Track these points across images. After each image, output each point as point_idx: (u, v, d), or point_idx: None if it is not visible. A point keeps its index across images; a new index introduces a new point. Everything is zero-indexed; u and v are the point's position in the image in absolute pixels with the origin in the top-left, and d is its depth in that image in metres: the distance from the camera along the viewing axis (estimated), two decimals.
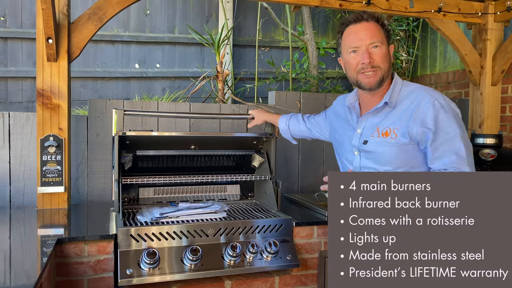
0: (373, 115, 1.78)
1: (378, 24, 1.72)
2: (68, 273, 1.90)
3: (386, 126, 1.72)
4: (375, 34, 1.70)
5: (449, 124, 1.63)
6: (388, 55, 1.73)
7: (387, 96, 1.72)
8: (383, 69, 1.71)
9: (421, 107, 1.65)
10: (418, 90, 1.72)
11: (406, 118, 1.67)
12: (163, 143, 2.36)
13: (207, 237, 2.14)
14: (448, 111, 1.64)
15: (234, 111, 3.12)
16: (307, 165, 3.37)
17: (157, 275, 1.98)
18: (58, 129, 2.46)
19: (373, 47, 1.70)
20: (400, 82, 1.77)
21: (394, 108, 1.72)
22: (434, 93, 1.69)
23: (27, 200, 2.61)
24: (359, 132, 1.80)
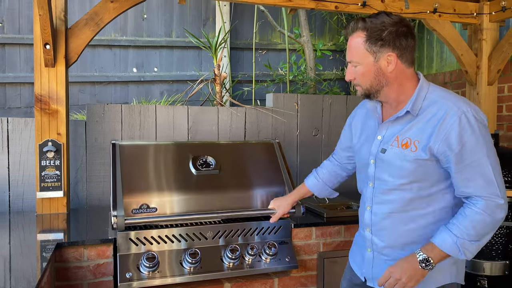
0: (393, 123, 1.61)
1: (365, 35, 1.52)
2: (67, 278, 1.91)
3: (407, 136, 1.54)
4: (354, 51, 1.56)
5: (477, 145, 1.45)
6: (371, 71, 1.54)
7: (410, 104, 1.54)
8: (364, 87, 1.59)
9: (445, 122, 1.46)
10: (445, 99, 1.52)
11: (429, 131, 1.49)
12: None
13: (206, 239, 2.15)
14: (476, 128, 1.45)
15: (232, 114, 3.14)
16: (306, 166, 3.38)
17: (157, 278, 1.99)
18: (56, 134, 2.47)
19: (352, 66, 1.59)
20: (426, 87, 1.56)
21: (417, 117, 1.54)
22: (462, 105, 1.48)
23: (26, 205, 2.62)
24: (379, 139, 1.64)
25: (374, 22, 1.51)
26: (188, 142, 2.54)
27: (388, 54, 1.51)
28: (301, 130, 3.36)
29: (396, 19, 1.51)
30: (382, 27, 1.49)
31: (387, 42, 1.50)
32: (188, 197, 2.20)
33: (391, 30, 1.49)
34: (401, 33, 1.50)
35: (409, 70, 1.57)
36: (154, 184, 2.18)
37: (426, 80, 1.61)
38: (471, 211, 1.47)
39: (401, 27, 1.51)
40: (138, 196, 2.11)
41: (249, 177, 2.39)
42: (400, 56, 1.52)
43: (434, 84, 1.62)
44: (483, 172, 1.45)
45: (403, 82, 1.57)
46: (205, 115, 3.08)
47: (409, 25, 1.53)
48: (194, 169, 2.27)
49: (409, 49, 1.54)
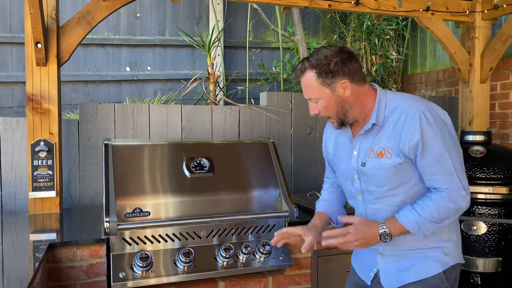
0: (364, 137, 1.71)
1: (315, 72, 1.60)
2: (60, 278, 1.90)
3: (380, 146, 1.65)
4: (310, 89, 1.64)
5: (436, 142, 1.56)
6: (332, 102, 1.63)
7: (373, 117, 1.65)
8: (335, 115, 1.68)
9: (407, 124, 1.58)
10: (404, 104, 1.63)
11: (397, 136, 1.60)
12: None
13: (199, 239, 2.15)
14: (434, 125, 1.57)
15: (226, 112, 3.13)
16: (300, 165, 3.39)
17: (150, 278, 1.98)
18: (48, 134, 2.45)
19: (313, 102, 1.68)
20: (384, 98, 1.67)
21: (384, 126, 1.65)
22: (421, 105, 1.60)
23: (18, 205, 2.60)
24: (355, 154, 1.74)
25: (318, 58, 1.61)
26: (182, 142, 2.52)
27: (342, 81, 1.61)
28: (295, 128, 3.36)
29: (336, 49, 1.62)
30: (326, 61, 1.59)
31: (337, 72, 1.60)
32: (181, 201, 2.18)
33: (336, 60, 1.59)
34: (345, 59, 1.60)
35: (364, 87, 1.67)
36: (147, 187, 2.16)
37: (382, 90, 1.71)
38: (437, 196, 1.57)
39: (343, 55, 1.61)
40: (131, 199, 2.09)
41: (243, 179, 2.38)
42: (352, 80, 1.62)
43: (391, 92, 1.73)
44: (444, 167, 1.55)
45: (363, 100, 1.67)
46: (199, 114, 3.07)
47: (349, 51, 1.65)
48: (188, 171, 2.25)
49: (357, 70, 1.64)
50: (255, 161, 2.49)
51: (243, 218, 2.22)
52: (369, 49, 4.41)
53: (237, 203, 2.27)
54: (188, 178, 2.23)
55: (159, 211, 2.11)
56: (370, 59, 4.42)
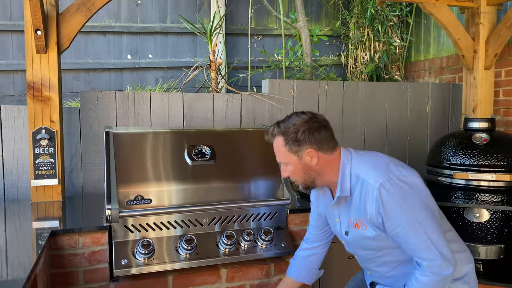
0: (340, 206, 1.72)
1: (283, 139, 1.63)
2: (63, 265, 1.91)
3: (354, 217, 1.65)
4: (279, 153, 1.68)
5: (401, 212, 1.50)
6: (299, 168, 1.65)
7: (338, 189, 1.65)
8: (301, 181, 1.70)
9: (368, 197, 1.55)
10: (364, 174, 1.59)
11: (363, 209, 1.59)
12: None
13: (201, 226, 2.15)
14: (397, 195, 1.51)
15: (227, 100, 3.11)
16: None
17: (153, 265, 1.99)
18: (50, 122, 2.44)
19: (283, 165, 1.71)
20: (348, 165, 1.64)
21: (352, 196, 1.64)
22: (380, 175, 1.54)
23: (21, 193, 2.60)
24: (337, 222, 1.76)
25: (287, 125, 1.63)
26: (183, 130, 2.52)
27: (308, 150, 1.61)
28: None
29: (306, 117, 1.63)
30: (294, 129, 1.61)
31: (303, 141, 1.61)
32: (183, 188, 2.17)
33: (304, 129, 1.61)
34: (313, 129, 1.61)
35: (333, 155, 1.66)
36: (149, 175, 2.16)
37: (348, 154, 1.67)
38: (420, 273, 1.53)
39: (312, 124, 1.62)
40: (132, 187, 2.09)
41: (244, 167, 2.37)
42: (319, 149, 1.62)
43: (356, 155, 1.67)
44: (417, 237, 1.51)
45: (332, 168, 1.66)
46: (200, 102, 3.06)
47: (319, 120, 1.65)
48: (190, 159, 2.24)
49: (326, 140, 1.64)
50: (257, 149, 2.48)
51: (244, 205, 2.22)
52: (372, 35, 4.36)
53: (238, 191, 2.26)
54: (190, 166, 2.23)
55: (161, 198, 2.11)
56: (373, 46, 4.38)
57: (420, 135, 3.75)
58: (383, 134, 3.63)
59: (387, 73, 4.37)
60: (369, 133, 3.57)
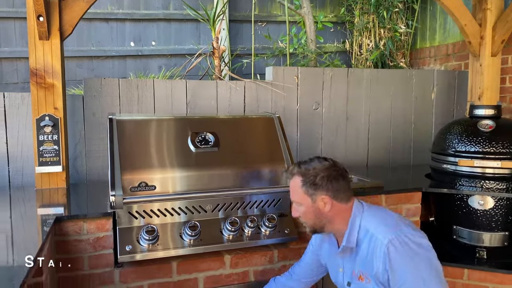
0: (345, 256, 1.73)
1: (301, 180, 1.68)
2: (68, 251, 1.92)
3: (359, 269, 1.66)
4: (294, 193, 1.72)
5: (407, 270, 1.51)
6: (311, 212, 1.68)
7: (344, 239, 1.67)
8: (309, 224, 1.73)
9: (377, 254, 1.55)
10: (373, 229, 1.60)
11: (370, 263, 1.59)
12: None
13: (205, 212, 2.15)
14: (404, 253, 1.52)
15: (231, 88, 3.10)
16: (306, 142, 3.36)
17: (157, 251, 2.00)
18: (53, 109, 2.44)
19: (296, 205, 1.74)
20: (359, 217, 1.66)
21: (359, 249, 1.65)
22: (390, 232, 1.55)
23: (26, 180, 2.62)
24: (341, 271, 1.77)
25: (307, 168, 1.68)
26: (187, 117, 2.51)
27: (322, 197, 1.65)
28: (301, 104, 3.32)
29: (327, 164, 1.68)
30: (314, 173, 1.66)
31: (320, 186, 1.65)
32: (187, 175, 2.17)
33: (323, 175, 1.65)
34: (332, 177, 1.65)
35: (347, 205, 1.69)
36: (153, 161, 2.15)
37: (360, 207, 1.70)
38: None
39: (332, 172, 1.67)
40: (136, 173, 2.08)
41: (248, 154, 2.36)
42: (334, 197, 1.66)
43: (368, 208, 1.70)
44: None
45: (343, 217, 1.69)
46: (204, 90, 3.05)
47: (339, 168, 1.69)
48: (193, 146, 2.24)
49: (342, 190, 1.68)
50: (261, 136, 2.47)
51: (248, 192, 2.22)
52: (377, 22, 4.31)
53: (242, 178, 2.26)
54: (193, 153, 2.23)
55: (165, 185, 2.11)
56: (378, 33, 4.33)
57: (425, 122, 3.73)
58: (388, 122, 3.61)
59: (392, 60, 4.33)
60: (374, 120, 3.55)
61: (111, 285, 1.99)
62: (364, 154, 3.56)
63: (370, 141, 3.56)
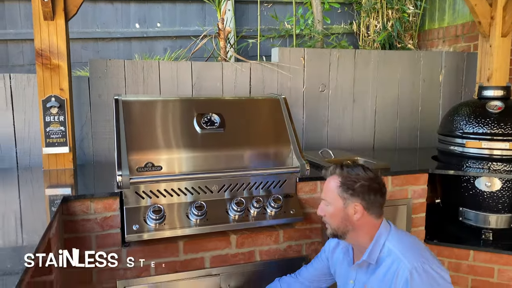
0: (359, 269, 1.73)
1: (339, 181, 1.68)
2: (76, 230, 1.94)
3: (372, 286, 1.66)
4: (328, 192, 1.72)
5: None
6: (339, 215, 1.68)
7: (366, 253, 1.66)
8: (332, 226, 1.72)
9: (398, 277, 1.55)
10: (399, 252, 1.60)
11: (388, 284, 1.59)
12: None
13: (211, 193, 2.16)
14: (427, 283, 1.52)
15: (236, 69, 3.07)
16: (312, 124, 3.35)
17: (164, 230, 2.02)
18: (59, 90, 2.44)
19: (324, 204, 1.73)
20: (385, 236, 1.66)
21: (378, 266, 1.64)
22: (415, 259, 1.55)
23: (33, 161, 2.64)
24: (351, 284, 1.76)
25: (350, 172, 1.68)
26: (193, 98, 2.50)
27: (355, 204, 1.65)
28: (308, 85, 3.29)
29: (371, 175, 1.67)
30: (355, 178, 1.66)
31: (357, 193, 1.65)
32: (193, 156, 2.17)
33: (363, 184, 1.65)
34: (372, 188, 1.65)
35: (376, 220, 1.69)
36: (159, 142, 2.15)
37: (387, 226, 1.69)
38: None
39: (373, 183, 1.66)
40: (142, 154, 2.09)
41: (254, 135, 2.36)
42: (367, 208, 1.66)
43: (395, 230, 1.69)
44: None
45: (369, 231, 1.68)
46: (209, 71, 3.03)
47: (380, 183, 1.69)
48: (199, 127, 2.23)
49: (377, 204, 1.67)
50: (266, 117, 2.46)
51: (253, 173, 2.22)
52: (385, 3, 4.23)
53: (248, 159, 2.26)
54: (199, 134, 2.22)
55: (171, 165, 2.12)
56: (386, 14, 4.26)
57: (432, 105, 3.69)
58: (395, 104, 3.58)
59: (400, 42, 4.26)
60: (381, 102, 3.53)
61: (118, 264, 2.02)
62: (370, 137, 3.54)
63: (376, 124, 3.54)
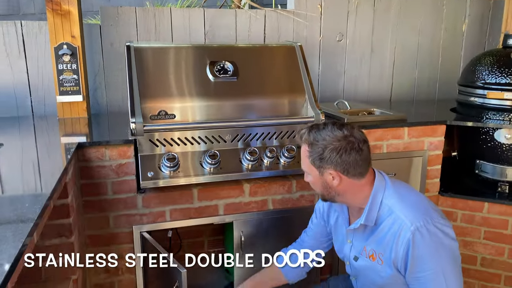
0: (357, 231, 1.62)
1: (308, 150, 1.54)
2: (92, 176, 1.97)
3: (372, 248, 1.57)
4: (303, 162, 1.60)
5: (430, 260, 1.44)
6: (319, 183, 1.56)
7: (363, 216, 1.54)
8: (320, 193, 1.63)
9: (400, 238, 1.45)
10: (399, 211, 1.48)
11: (389, 245, 1.50)
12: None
13: (224, 142, 2.16)
14: (431, 243, 1.43)
15: (250, 17, 2.98)
16: (328, 75, 3.27)
17: (178, 177, 2.04)
18: (71, 37, 2.41)
19: (305, 172, 1.63)
20: (381, 193, 1.53)
21: (377, 227, 1.54)
22: (417, 217, 1.45)
23: (48, 110, 2.65)
24: (349, 243, 1.67)
25: (316, 138, 1.51)
26: (205, 45, 2.44)
27: (330, 171, 1.51)
28: (324, 35, 3.19)
29: (339, 134, 1.49)
30: (322, 144, 1.50)
31: (328, 160, 1.50)
32: (206, 104, 2.15)
33: (332, 148, 1.49)
34: (342, 150, 1.48)
35: (360, 181, 1.54)
36: (172, 90, 2.12)
37: (382, 181, 1.55)
38: None
39: (344, 144, 1.49)
40: (155, 102, 2.07)
41: (268, 84, 2.31)
42: (344, 172, 1.51)
43: (392, 184, 1.55)
44: (436, 286, 1.44)
45: (357, 192, 1.56)
46: (222, 19, 2.94)
47: (353, 141, 1.49)
48: (212, 75, 2.19)
49: (354, 164, 1.50)
50: (281, 66, 2.40)
51: (267, 123, 2.20)
52: None
53: (261, 108, 2.23)
54: (212, 82, 2.19)
55: (184, 114, 2.10)
56: None
57: (454, 56, 3.56)
58: (414, 55, 3.46)
59: None
60: (399, 53, 3.41)
61: (134, 210, 2.06)
62: (388, 88, 3.46)
63: (394, 75, 3.44)
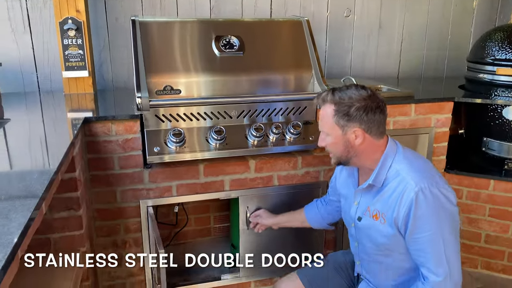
0: (364, 191, 1.67)
1: (333, 109, 1.55)
2: (98, 151, 1.99)
3: (376, 208, 1.61)
4: (324, 123, 1.61)
5: (430, 221, 1.47)
6: (340, 143, 1.58)
7: (372, 177, 1.59)
8: (335, 155, 1.64)
9: (404, 198, 1.49)
10: (406, 173, 1.53)
11: (392, 206, 1.54)
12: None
13: (230, 118, 2.16)
14: (433, 204, 1.47)
15: None
16: (335, 51, 3.24)
17: (184, 153, 2.05)
18: (75, 11, 2.38)
19: (323, 134, 1.64)
20: (391, 157, 1.58)
21: (384, 188, 1.58)
22: (422, 180, 1.48)
23: (54, 86, 2.65)
24: (355, 205, 1.72)
25: (342, 97, 1.55)
26: (211, 19, 2.41)
27: (355, 129, 1.54)
28: (332, 10, 3.14)
29: (364, 94, 1.54)
30: (349, 102, 1.53)
31: (354, 118, 1.53)
32: (211, 80, 2.14)
33: (358, 106, 1.52)
34: (369, 108, 1.52)
35: (379, 141, 1.59)
36: (177, 65, 2.11)
37: (394, 146, 1.61)
38: (422, 285, 1.52)
39: (369, 103, 1.53)
40: (161, 77, 2.06)
41: (274, 59, 2.29)
42: (368, 130, 1.55)
43: (402, 150, 1.61)
44: (435, 250, 1.49)
45: (372, 153, 1.60)
46: None
47: (377, 101, 1.55)
48: (218, 50, 2.18)
49: (378, 123, 1.56)
50: (288, 41, 2.37)
51: (273, 99, 2.19)
52: None
53: (267, 84, 2.22)
54: (218, 57, 2.17)
55: (190, 89, 2.10)
56: None
57: (463, 33, 3.50)
58: (423, 31, 3.40)
59: None
60: (408, 29, 3.35)
61: (140, 185, 2.08)
62: (395, 65, 3.42)
63: (402, 51, 3.40)
